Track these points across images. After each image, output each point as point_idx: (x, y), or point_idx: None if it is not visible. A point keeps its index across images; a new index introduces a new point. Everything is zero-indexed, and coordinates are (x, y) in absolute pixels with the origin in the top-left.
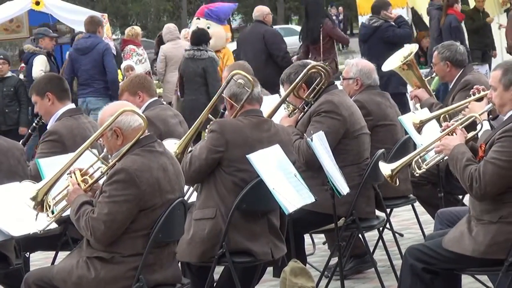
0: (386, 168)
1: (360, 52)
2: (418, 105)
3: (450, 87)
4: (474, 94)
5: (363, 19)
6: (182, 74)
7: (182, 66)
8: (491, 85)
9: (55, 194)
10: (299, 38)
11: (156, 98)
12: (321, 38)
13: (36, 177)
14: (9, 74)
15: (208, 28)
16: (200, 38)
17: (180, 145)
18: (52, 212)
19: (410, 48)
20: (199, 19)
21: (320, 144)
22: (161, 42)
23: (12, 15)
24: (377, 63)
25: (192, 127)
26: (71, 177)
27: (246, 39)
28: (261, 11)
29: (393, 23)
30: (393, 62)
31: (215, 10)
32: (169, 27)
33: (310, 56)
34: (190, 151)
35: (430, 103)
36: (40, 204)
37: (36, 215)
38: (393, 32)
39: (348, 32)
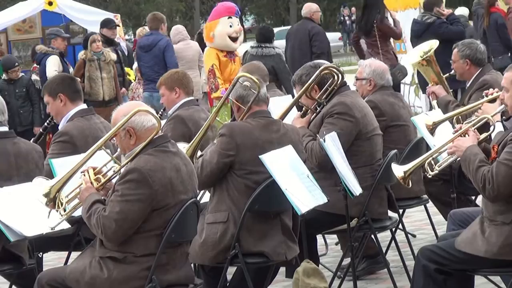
0: (398, 170)
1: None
2: (434, 102)
3: (468, 85)
4: (486, 96)
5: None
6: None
7: (247, 63)
8: (503, 86)
9: (68, 192)
10: (355, 26)
11: (193, 98)
12: (376, 32)
13: (48, 177)
14: (20, 75)
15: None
16: (265, 36)
17: (188, 149)
18: (64, 210)
19: (430, 44)
20: (231, 17)
21: (332, 145)
22: (201, 40)
23: (25, 15)
24: None
25: (200, 131)
26: (84, 175)
27: (293, 35)
28: (309, 8)
29: (445, 20)
30: (412, 57)
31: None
32: (177, 28)
33: (367, 49)
34: (201, 155)
35: (446, 101)
36: (52, 201)
37: (49, 213)
38: (446, 29)
39: None
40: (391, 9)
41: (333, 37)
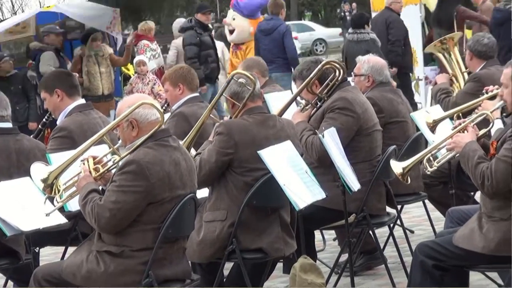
0: (397, 166)
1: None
2: (429, 87)
3: None
4: (486, 93)
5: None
6: (346, 56)
7: (345, 48)
8: (502, 82)
9: (66, 180)
10: (426, 23)
11: (197, 94)
12: (455, 25)
13: None
14: (12, 71)
15: (234, 19)
16: (357, 22)
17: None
18: (60, 197)
19: (451, 35)
20: (230, 9)
21: (331, 140)
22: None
23: (19, 20)
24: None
25: (194, 128)
26: (83, 164)
27: (374, 25)
28: None
29: None
30: (431, 46)
31: (241, 4)
32: (180, 22)
33: None
34: (197, 154)
35: (437, 89)
36: (49, 186)
37: (45, 199)
38: None
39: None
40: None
41: (334, 33)
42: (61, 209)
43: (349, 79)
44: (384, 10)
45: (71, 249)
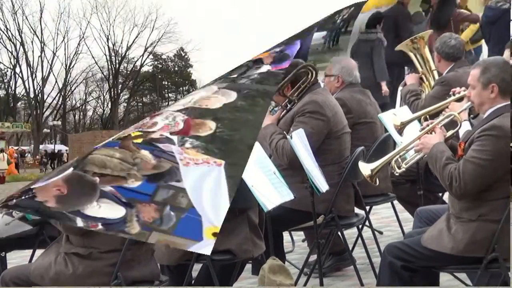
0: (366, 168)
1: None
2: (400, 88)
3: None
4: (453, 94)
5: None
6: (352, 55)
7: (355, 47)
8: (469, 83)
9: None
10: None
11: None
12: (452, 26)
13: None
14: None
15: None
16: (371, 22)
17: None
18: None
19: (422, 34)
20: None
21: (299, 142)
22: None
23: None
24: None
25: None
26: None
27: (385, 18)
28: None
29: None
30: (403, 44)
31: None
32: None
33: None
34: None
35: (406, 91)
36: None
37: (2, 215)
38: None
39: (343, 29)
40: (378, 5)
41: (316, 36)
42: (24, 219)
43: (320, 79)
44: (395, 5)
45: (38, 253)
